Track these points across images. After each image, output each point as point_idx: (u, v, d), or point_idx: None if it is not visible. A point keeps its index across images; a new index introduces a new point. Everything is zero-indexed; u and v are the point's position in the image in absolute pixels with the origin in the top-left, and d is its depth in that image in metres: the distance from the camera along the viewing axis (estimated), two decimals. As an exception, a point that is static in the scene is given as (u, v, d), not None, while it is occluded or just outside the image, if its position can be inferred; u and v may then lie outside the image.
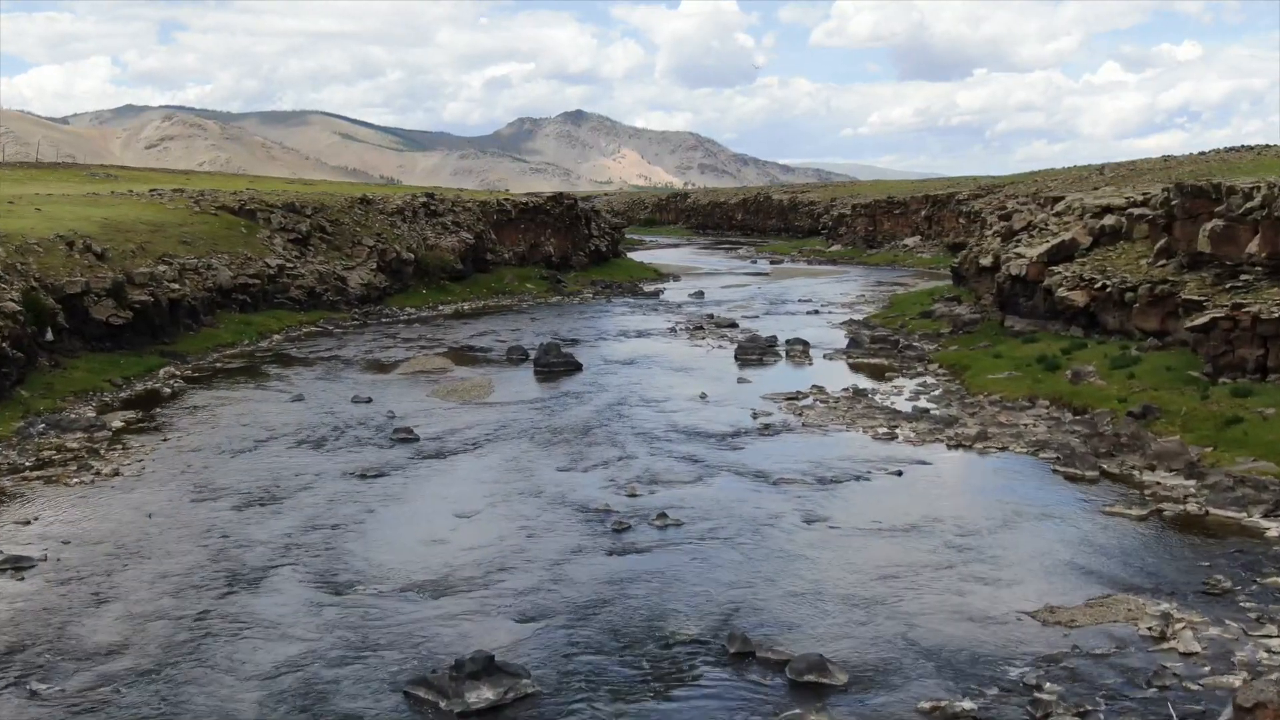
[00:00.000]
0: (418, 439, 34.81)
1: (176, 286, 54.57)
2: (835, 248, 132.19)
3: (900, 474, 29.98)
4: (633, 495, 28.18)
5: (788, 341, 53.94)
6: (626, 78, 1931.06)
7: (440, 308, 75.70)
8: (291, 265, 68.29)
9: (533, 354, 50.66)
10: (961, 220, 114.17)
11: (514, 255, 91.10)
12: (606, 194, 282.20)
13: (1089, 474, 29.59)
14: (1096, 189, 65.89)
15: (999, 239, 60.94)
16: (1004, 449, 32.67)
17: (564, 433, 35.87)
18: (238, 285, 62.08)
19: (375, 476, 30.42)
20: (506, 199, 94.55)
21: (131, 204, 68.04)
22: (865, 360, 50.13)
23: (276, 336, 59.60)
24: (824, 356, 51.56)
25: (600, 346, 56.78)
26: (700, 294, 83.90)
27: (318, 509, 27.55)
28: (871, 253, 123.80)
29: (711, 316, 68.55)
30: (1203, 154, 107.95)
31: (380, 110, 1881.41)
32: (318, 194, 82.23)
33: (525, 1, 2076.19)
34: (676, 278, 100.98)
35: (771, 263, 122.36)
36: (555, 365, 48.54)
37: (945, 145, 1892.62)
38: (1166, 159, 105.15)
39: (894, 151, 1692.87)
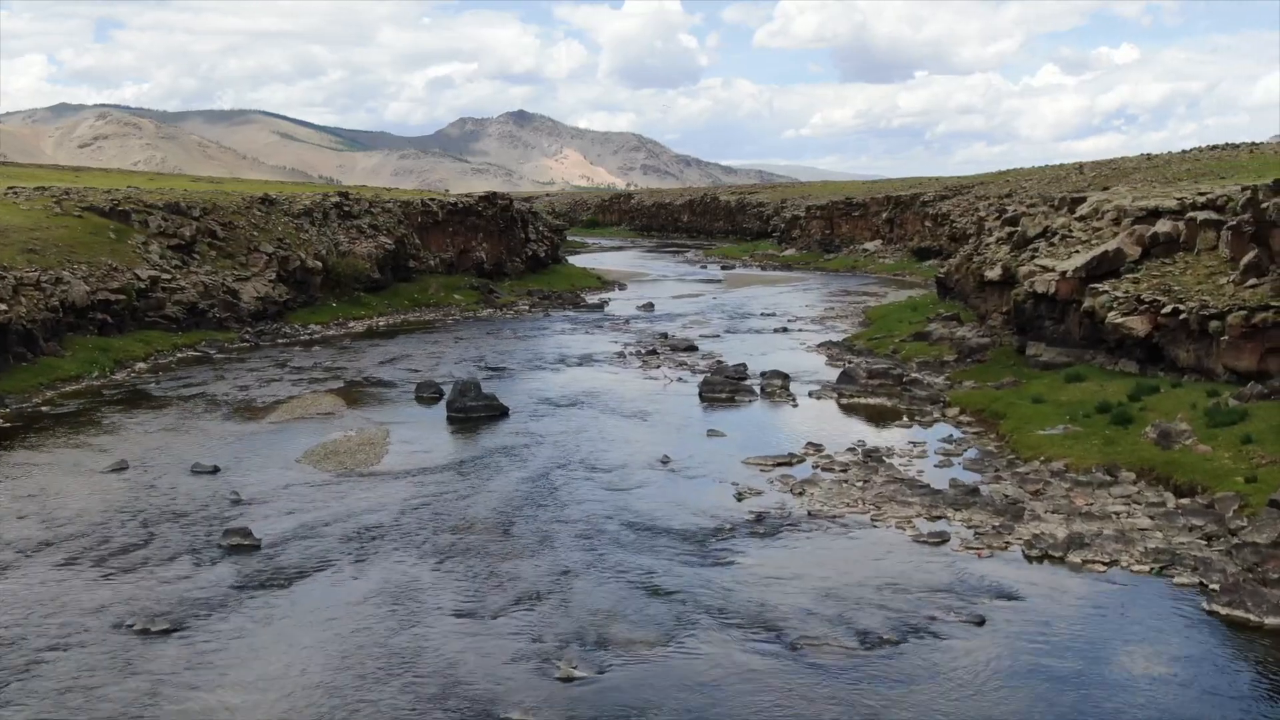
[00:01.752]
0: (258, 546, 23.47)
1: (4, 308, 42.66)
2: (789, 252, 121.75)
3: (982, 622, 19.11)
4: (569, 679, 17.06)
5: (763, 374, 43.05)
6: (570, 78, 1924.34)
7: (351, 324, 64.13)
8: (169, 276, 56.34)
9: (447, 392, 39.37)
10: (928, 223, 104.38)
11: (441, 262, 79.56)
12: (548, 194, 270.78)
13: (1269, 621, 18.95)
14: (1105, 188, 55.83)
15: (1006, 247, 50.57)
16: (1112, 564, 21.95)
17: (472, 531, 24.66)
18: (96, 302, 50.16)
19: (166, 633, 19.05)
20: (432, 199, 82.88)
21: (-28, 204, 55.84)
22: (863, 400, 39.36)
23: (140, 365, 47.88)
24: (810, 394, 40.75)
25: (533, 379, 45.63)
26: (650, 306, 72.97)
27: (39, 711, 16.26)
28: (829, 257, 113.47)
29: (665, 336, 57.62)
30: (1186, 152, 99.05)
31: (321, 110, 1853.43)
32: (210, 192, 70.18)
33: (468, 1, 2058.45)
34: (622, 286, 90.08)
35: (723, 268, 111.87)
36: (474, 410, 37.34)
37: (886, 147, 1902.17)
38: (1150, 157, 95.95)
39: (836, 153, 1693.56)
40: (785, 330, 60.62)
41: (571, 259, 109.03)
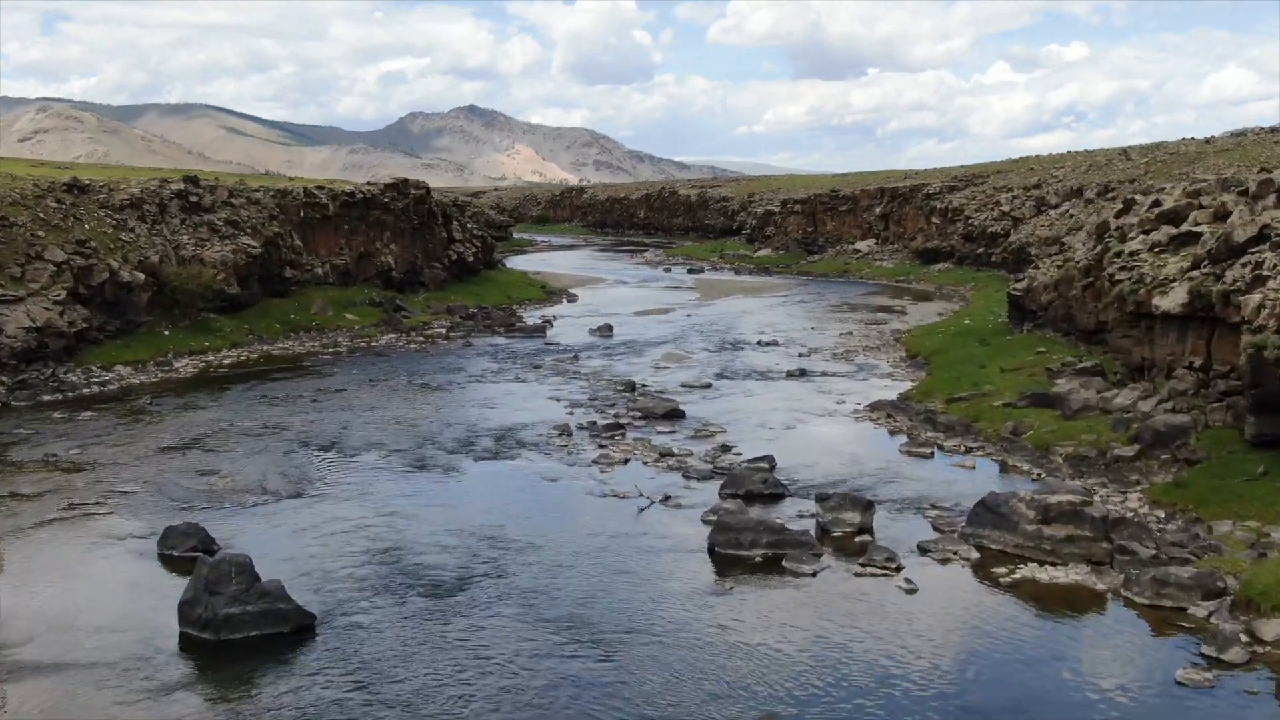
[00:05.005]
0: None
1: None
2: (764, 252, 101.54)
3: None
4: None
5: (820, 499, 22.66)
6: (523, 73, 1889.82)
7: (180, 363, 43.06)
8: None
9: (196, 573, 18.58)
10: (934, 219, 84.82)
11: (332, 270, 58.46)
12: (498, 189, 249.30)
13: None
14: (1220, 178, 36.17)
15: (1174, 257, 30.59)
16: None
17: None
18: None
19: None
20: (320, 187, 61.43)
21: None
22: (1042, 578, 19.05)
23: None
24: (924, 552, 20.44)
25: (401, 499, 24.85)
26: (607, 329, 52.62)
27: None
28: (813, 259, 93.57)
29: (633, 389, 37.25)
30: (1235, 134, 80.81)
31: (271, 104, 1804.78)
32: (-15, 176, 48.51)
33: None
34: (571, 296, 69.60)
35: (690, 271, 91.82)
36: (238, 625, 16.73)
37: (838, 144, 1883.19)
38: (1210, 140, 77.01)
39: (788, 149, 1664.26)
40: (803, 373, 40.46)
41: (514, 260, 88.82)
